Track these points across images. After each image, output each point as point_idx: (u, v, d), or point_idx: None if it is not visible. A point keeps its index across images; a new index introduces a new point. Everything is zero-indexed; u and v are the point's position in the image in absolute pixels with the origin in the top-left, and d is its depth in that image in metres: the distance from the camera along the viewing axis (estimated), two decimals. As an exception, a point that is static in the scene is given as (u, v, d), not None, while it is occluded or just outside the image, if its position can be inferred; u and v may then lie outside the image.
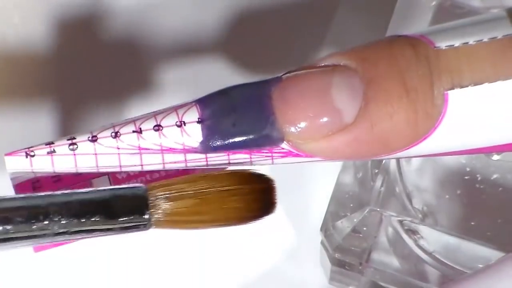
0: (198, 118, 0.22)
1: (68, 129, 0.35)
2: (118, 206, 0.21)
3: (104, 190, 0.22)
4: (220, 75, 0.36)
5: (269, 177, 0.23)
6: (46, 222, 0.21)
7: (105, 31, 0.37)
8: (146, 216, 0.21)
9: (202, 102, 0.23)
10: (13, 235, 0.21)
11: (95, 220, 0.21)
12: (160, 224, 0.22)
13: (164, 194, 0.22)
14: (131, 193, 0.21)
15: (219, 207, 0.22)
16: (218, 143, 0.23)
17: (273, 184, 0.23)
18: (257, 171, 0.23)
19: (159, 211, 0.21)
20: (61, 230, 0.21)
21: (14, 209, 0.21)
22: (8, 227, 0.21)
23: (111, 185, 0.24)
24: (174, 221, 0.22)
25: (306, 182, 0.34)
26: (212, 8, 0.37)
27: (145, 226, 0.22)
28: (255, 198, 0.22)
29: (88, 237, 0.21)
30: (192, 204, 0.22)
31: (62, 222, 0.21)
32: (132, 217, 0.21)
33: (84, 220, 0.21)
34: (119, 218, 0.21)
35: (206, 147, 0.23)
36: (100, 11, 0.37)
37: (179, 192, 0.22)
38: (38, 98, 0.36)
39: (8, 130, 0.35)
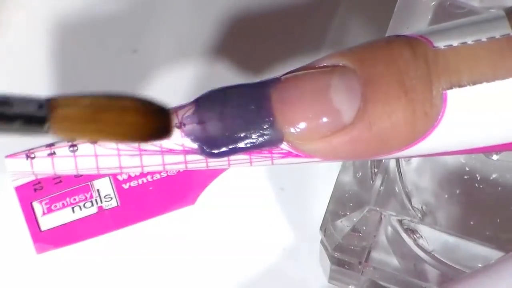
0: (198, 119, 0.23)
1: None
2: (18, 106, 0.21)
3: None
4: (220, 75, 0.36)
5: (168, 107, 0.22)
6: None
7: (105, 31, 0.37)
8: (45, 124, 0.21)
9: (201, 103, 0.23)
10: None
11: None
12: (58, 130, 0.21)
13: (66, 102, 0.21)
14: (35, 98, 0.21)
15: (117, 120, 0.21)
16: (217, 144, 0.23)
17: (170, 111, 0.22)
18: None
19: (60, 117, 0.21)
20: None
21: None
22: None
23: (112, 186, 0.24)
24: (73, 127, 0.21)
25: (306, 182, 0.34)
26: (212, 8, 0.37)
27: (42, 127, 0.21)
28: (151, 118, 0.22)
29: None
30: (90, 112, 0.21)
31: None
32: (31, 118, 0.21)
33: None
34: (17, 118, 0.21)
35: (206, 150, 0.23)
36: (101, 11, 0.37)
37: (81, 101, 0.21)
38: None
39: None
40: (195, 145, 0.23)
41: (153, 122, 0.22)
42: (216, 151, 0.23)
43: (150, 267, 0.34)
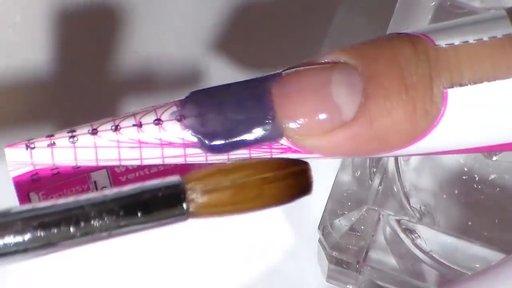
0: (198, 112, 0.23)
1: (68, 126, 0.35)
2: (155, 201, 0.21)
3: (140, 186, 0.22)
4: (220, 74, 0.36)
5: (303, 160, 0.23)
6: (86, 223, 0.21)
7: (105, 30, 0.37)
8: (184, 208, 0.21)
9: (202, 96, 0.23)
10: (54, 240, 0.21)
11: (134, 217, 0.21)
12: (198, 215, 0.22)
13: (200, 186, 0.22)
14: (167, 186, 0.22)
15: (256, 195, 0.22)
16: (217, 138, 0.23)
17: (308, 166, 0.23)
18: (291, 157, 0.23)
19: (198, 203, 0.21)
20: (103, 232, 0.21)
21: (54, 214, 0.21)
22: (50, 232, 0.21)
23: (109, 178, 0.24)
24: (212, 211, 0.22)
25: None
26: (212, 8, 0.37)
27: (183, 216, 0.22)
28: (291, 183, 0.22)
29: (129, 233, 0.22)
30: (229, 195, 0.22)
31: (102, 222, 0.21)
32: (170, 210, 0.21)
33: (123, 218, 0.21)
34: (157, 211, 0.21)
35: (205, 144, 0.23)
36: (101, 11, 0.37)
37: (215, 183, 0.22)
38: (38, 98, 0.36)
39: (8, 129, 0.35)
40: (194, 139, 0.23)
41: (293, 187, 0.22)
42: (215, 145, 0.23)
43: (149, 267, 0.34)
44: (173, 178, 0.22)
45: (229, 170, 0.22)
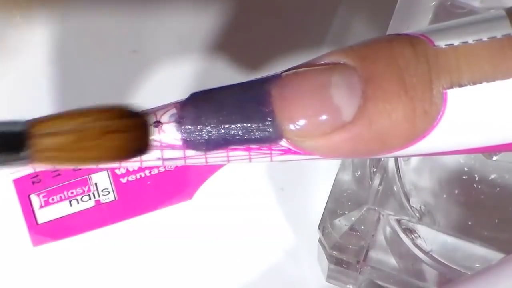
0: (196, 114, 0.22)
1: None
2: None
3: None
4: (219, 75, 0.36)
5: (142, 112, 0.22)
6: None
7: (105, 30, 0.37)
8: (24, 153, 0.21)
9: (201, 98, 0.23)
10: None
11: None
12: (39, 159, 0.21)
13: (44, 130, 0.21)
14: (11, 129, 0.21)
15: (95, 145, 0.21)
16: (217, 140, 0.23)
17: (146, 120, 0.22)
18: (132, 108, 0.22)
19: (38, 147, 0.21)
20: None
21: None
22: None
23: (110, 180, 0.24)
24: (54, 157, 0.21)
25: (305, 180, 0.34)
26: (212, 8, 0.37)
27: (22, 160, 0.21)
28: (131, 136, 0.22)
29: None
30: (71, 141, 0.21)
31: None
32: (9, 152, 0.21)
33: None
34: None
35: (205, 146, 0.23)
36: (101, 10, 0.37)
37: (58, 127, 0.21)
38: (38, 98, 0.36)
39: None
40: (194, 141, 0.23)
41: (131, 142, 0.22)
42: (215, 147, 0.23)
43: (146, 264, 0.34)
44: (18, 121, 0.21)
45: (74, 114, 0.21)
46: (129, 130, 0.22)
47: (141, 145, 0.22)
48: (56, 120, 0.21)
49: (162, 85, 0.36)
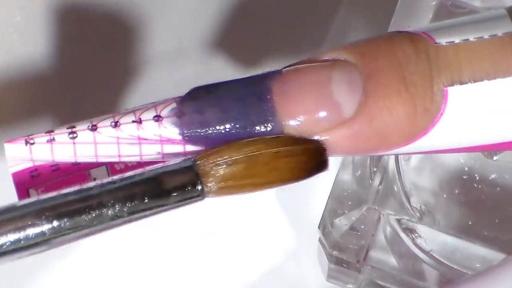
0: (197, 109, 0.22)
1: (67, 123, 0.35)
2: (169, 181, 0.21)
3: (152, 169, 0.21)
4: (219, 75, 0.36)
5: (318, 140, 0.23)
6: (100, 211, 0.21)
7: (105, 30, 0.37)
8: (199, 187, 0.21)
9: (201, 93, 0.23)
10: (69, 229, 0.21)
11: (148, 200, 0.21)
12: (214, 192, 0.22)
13: (213, 162, 0.21)
14: (180, 167, 0.21)
15: (271, 169, 0.22)
16: (216, 135, 0.23)
17: (323, 145, 0.23)
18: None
19: (212, 179, 0.21)
20: (116, 217, 0.21)
21: (66, 204, 0.21)
22: (64, 221, 0.21)
23: (109, 175, 0.24)
24: (228, 186, 0.21)
25: (305, 181, 0.34)
26: (212, 7, 0.37)
27: (199, 196, 0.21)
28: (306, 158, 0.22)
29: (145, 218, 0.21)
30: (244, 168, 0.21)
31: (116, 208, 0.21)
32: (185, 190, 0.21)
33: (137, 202, 0.21)
34: (172, 193, 0.21)
35: (205, 140, 0.23)
36: (101, 10, 0.37)
37: (228, 157, 0.21)
38: (38, 96, 0.36)
39: (9, 126, 0.35)
40: (194, 135, 0.23)
41: (308, 162, 0.22)
42: (215, 142, 0.23)
43: (150, 267, 0.34)
44: (185, 160, 0.21)
45: (240, 145, 0.22)
46: (302, 154, 0.22)
47: (319, 164, 0.22)
48: (221, 152, 0.22)
49: (162, 85, 0.36)
